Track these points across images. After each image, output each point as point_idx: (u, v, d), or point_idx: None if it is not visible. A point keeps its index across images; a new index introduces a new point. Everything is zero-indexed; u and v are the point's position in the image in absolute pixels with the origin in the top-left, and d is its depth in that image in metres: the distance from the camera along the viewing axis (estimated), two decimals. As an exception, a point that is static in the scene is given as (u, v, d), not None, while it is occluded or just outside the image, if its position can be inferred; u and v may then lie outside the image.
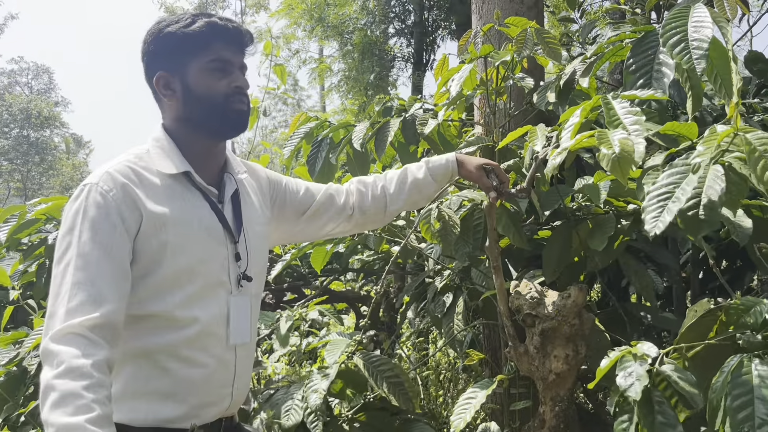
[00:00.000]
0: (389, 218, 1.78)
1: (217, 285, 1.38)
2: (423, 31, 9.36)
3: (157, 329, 1.31)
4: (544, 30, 1.93)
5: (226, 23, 1.40)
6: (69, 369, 1.11)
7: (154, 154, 1.38)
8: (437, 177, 1.73)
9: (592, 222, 2.00)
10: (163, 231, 1.30)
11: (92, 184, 1.29)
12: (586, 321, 1.79)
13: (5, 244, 2.60)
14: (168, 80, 1.40)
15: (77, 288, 1.20)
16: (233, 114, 1.40)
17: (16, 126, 28.43)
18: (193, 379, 1.33)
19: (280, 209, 1.64)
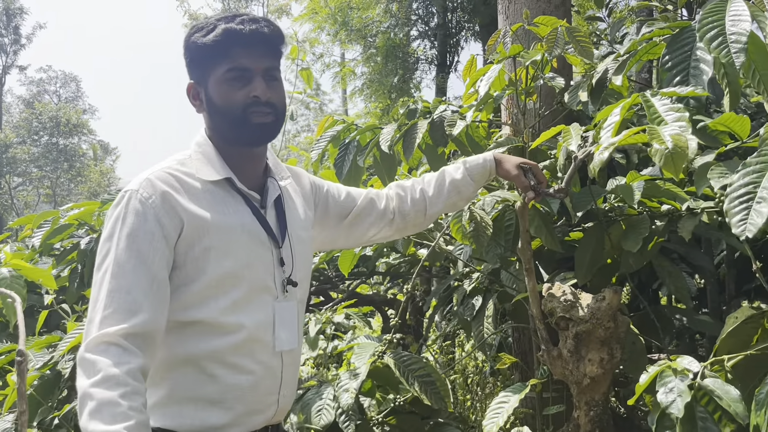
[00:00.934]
0: (429, 221, 1.74)
1: (263, 290, 1.36)
2: (446, 33, 9.32)
3: (203, 335, 1.30)
4: (575, 28, 1.90)
5: (244, 27, 1.33)
6: (105, 378, 1.12)
7: (196, 159, 1.37)
8: (475, 177, 1.69)
9: (625, 223, 1.96)
10: (206, 236, 1.29)
11: (132, 191, 1.28)
12: (622, 324, 1.76)
13: (39, 249, 2.64)
14: (196, 90, 1.39)
15: (113, 296, 1.21)
16: (253, 126, 1.34)
17: (45, 133, 29.01)
18: (240, 386, 1.32)
19: (323, 214, 1.62)
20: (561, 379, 1.82)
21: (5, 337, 2.71)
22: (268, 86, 1.36)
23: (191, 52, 1.36)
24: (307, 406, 1.96)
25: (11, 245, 2.99)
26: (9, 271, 1.80)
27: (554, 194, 1.67)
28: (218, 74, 1.34)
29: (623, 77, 1.78)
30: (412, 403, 2.15)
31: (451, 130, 2.15)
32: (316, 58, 10.48)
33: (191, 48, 1.36)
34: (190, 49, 1.36)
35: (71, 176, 29.24)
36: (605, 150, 1.32)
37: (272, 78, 1.38)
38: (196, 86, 1.38)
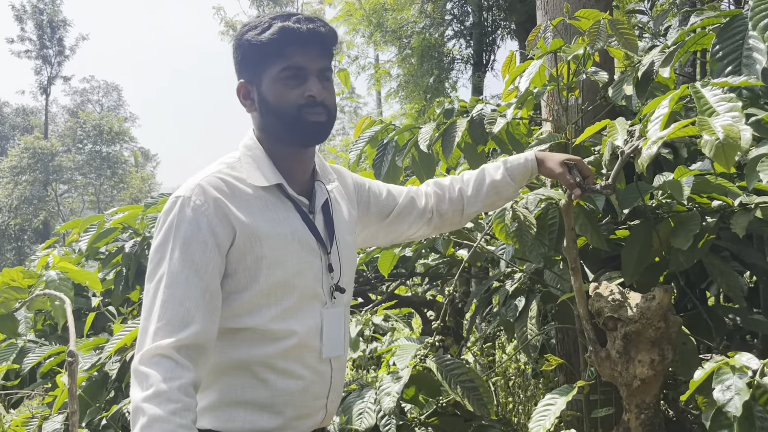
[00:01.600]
0: (467, 220, 1.72)
1: (312, 297, 1.35)
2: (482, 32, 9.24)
3: (253, 341, 1.30)
4: (619, 21, 1.85)
5: (300, 26, 1.31)
6: (157, 393, 1.13)
7: (246, 163, 1.35)
8: (516, 177, 1.66)
9: (674, 220, 1.90)
10: (258, 246, 1.28)
11: (185, 197, 1.27)
12: (673, 324, 1.70)
13: (85, 253, 2.70)
14: (248, 89, 1.36)
15: (166, 307, 1.20)
16: (308, 126, 1.32)
17: (89, 142, 29.81)
18: (290, 391, 1.32)
19: (365, 212, 1.61)
20: (609, 381, 1.78)
21: (54, 340, 2.77)
22: (322, 86, 1.34)
23: (244, 50, 1.34)
24: (348, 408, 1.95)
25: (59, 249, 3.07)
26: (57, 273, 1.85)
27: (601, 191, 1.63)
28: (273, 73, 1.32)
29: (671, 69, 1.72)
30: (454, 405, 2.12)
31: (491, 128, 2.12)
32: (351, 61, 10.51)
33: (244, 46, 1.34)
34: (243, 48, 1.34)
35: (114, 183, 29.97)
36: (653, 144, 1.28)
37: (325, 78, 1.36)
38: (248, 85, 1.36)
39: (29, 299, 1.75)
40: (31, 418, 2.23)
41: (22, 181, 27.88)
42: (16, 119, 36.92)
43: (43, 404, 2.44)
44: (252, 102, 1.37)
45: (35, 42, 33.64)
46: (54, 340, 2.79)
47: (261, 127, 1.38)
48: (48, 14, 33.62)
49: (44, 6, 33.65)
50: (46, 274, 1.83)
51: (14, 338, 2.22)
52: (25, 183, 27.85)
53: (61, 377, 2.15)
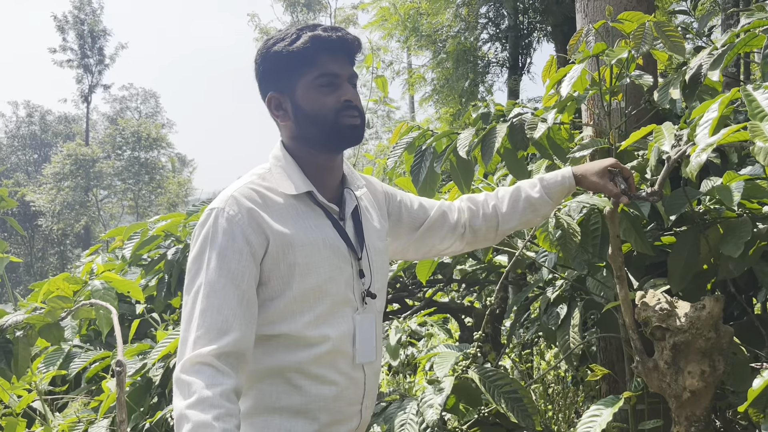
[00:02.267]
0: (501, 237, 1.70)
1: (344, 303, 1.37)
2: (518, 35, 9.16)
3: (287, 348, 1.31)
4: (664, 23, 1.81)
5: (330, 35, 1.34)
6: (200, 400, 1.15)
7: (276, 173, 1.38)
8: (553, 195, 1.63)
9: (723, 226, 1.85)
10: (291, 253, 1.30)
11: (219, 209, 1.31)
12: (724, 334, 1.65)
13: (129, 260, 2.76)
14: (279, 100, 1.39)
15: (204, 316, 1.23)
16: (345, 129, 1.35)
17: (128, 148, 30.46)
18: (324, 397, 1.33)
19: (396, 224, 1.60)
20: (657, 392, 1.73)
21: (99, 345, 2.83)
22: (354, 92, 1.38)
23: (272, 62, 1.36)
24: (390, 419, 1.94)
25: (102, 256, 3.14)
26: (102, 283, 1.90)
27: (647, 197, 1.59)
28: (307, 81, 1.34)
29: (720, 72, 1.68)
30: (496, 415, 2.09)
31: (531, 134, 2.09)
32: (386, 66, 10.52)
33: (273, 58, 1.36)
34: (271, 59, 1.36)
35: (152, 188, 30.56)
36: (703, 151, 1.24)
37: (354, 84, 1.39)
38: (278, 96, 1.38)
39: (74, 309, 1.79)
40: (77, 423, 2.28)
41: (64, 186, 28.64)
42: (59, 127, 37.98)
43: (88, 408, 2.49)
44: (285, 112, 1.39)
45: (76, 51, 34.59)
46: (98, 345, 2.85)
47: (294, 136, 1.40)
48: (89, 24, 34.54)
49: (85, 16, 34.59)
50: (91, 284, 1.88)
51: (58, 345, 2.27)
52: (67, 189, 28.61)
53: (106, 383, 2.19)
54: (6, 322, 1.77)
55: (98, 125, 37.88)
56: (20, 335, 1.79)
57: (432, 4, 8.98)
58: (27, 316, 1.77)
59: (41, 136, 37.41)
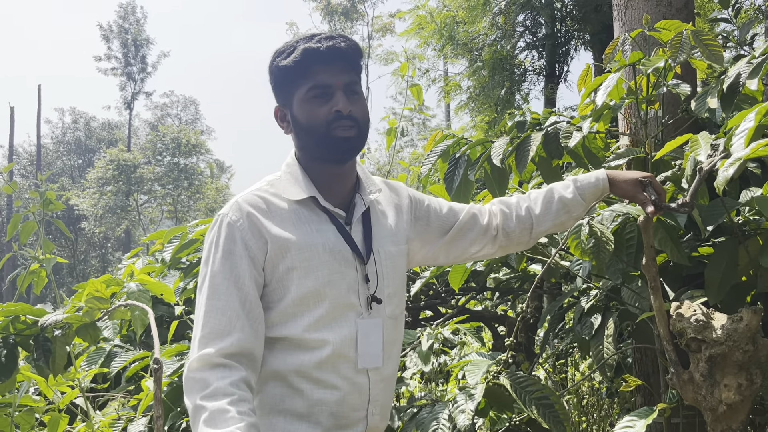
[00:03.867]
0: (535, 240, 1.68)
1: (346, 307, 1.38)
2: (555, 43, 9.09)
3: (288, 351, 1.35)
4: (702, 31, 1.79)
5: (321, 45, 1.36)
6: (213, 391, 1.20)
7: (285, 180, 1.42)
8: (587, 196, 1.61)
9: (762, 238, 1.81)
10: (288, 256, 1.34)
11: (224, 215, 1.37)
12: (762, 347, 1.62)
13: (168, 263, 2.83)
14: (283, 112, 1.44)
15: (208, 317, 1.29)
16: (336, 141, 1.36)
17: (168, 154, 31.09)
18: (326, 401, 1.35)
19: (424, 228, 1.60)
20: (693, 405, 1.71)
21: (138, 345, 2.91)
22: (349, 100, 1.38)
23: (275, 75, 1.42)
24: (422, 424, 1.95)
25: (143, 259, 3.22)
26: (137, 285, 1.97)
27: (678, 209, 1.57)
28: (301, 94, 1.38)
29: (759, 81, 1.65)
30: (527, 423, 2.09)
31: (566, 142, 2.09)
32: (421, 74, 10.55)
33: (275, 72, 1.41)
34: (274, 73, 1.42)
35: (191, 193, 31.10)
36: (730, 166, 1.23)
37: (353, 92, 1.39)
38: (282, 108, 1.44)
39: (111, 309, 1.85)
40: (117, 420, 2.35)
41: (106, 191, 29.37)
42: (102, 133, 39.05)
43: (128, 406, 2.56)
44: (288, 124, 1.44)
45: (120, 60, 35.56)
46: (138, 345, 2.93)
47: (298, 147, 1.45)
48: (132, 33, 35.49)
49: (129, 26, 35.55)
50: (127, 286, 1.95)
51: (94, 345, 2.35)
52: (109, 193, 29.33)
53: (145, 381, 2.25)
54: (46, 321, 1.84)
55: (140, 131, 38.80)
56: (58, 334, 1.86)
57: (469, 13, 8.97)
58: (65, 316, 1.84)
59: (85, 142, 38.51)
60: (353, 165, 1.47)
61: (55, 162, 37.92)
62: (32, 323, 1.91)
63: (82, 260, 33.32)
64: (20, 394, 2.03)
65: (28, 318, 1.92)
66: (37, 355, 1.91)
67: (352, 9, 26.69)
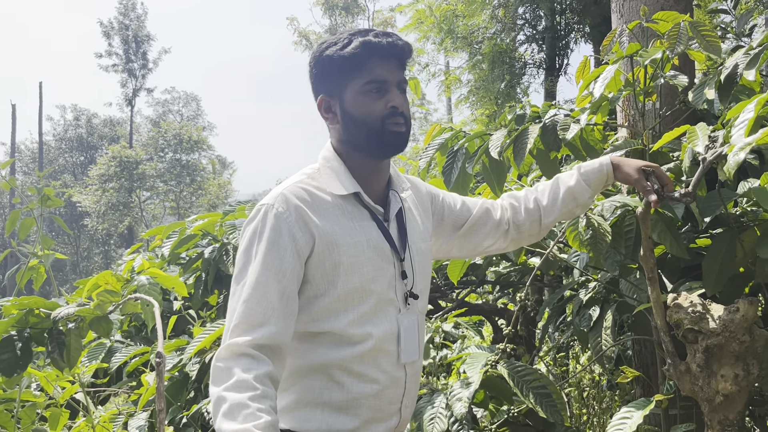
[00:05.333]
0: (545, 231, 1.69)
1: (387, 303, 1.39)
2: (555, 36, 9.07)
3: (331, 345, 1.35)
4: (700, 22, 1.78)
5: (381, 40, 1.36)
6: (236, 383, 1.19)
7: (325, 173, 1.41)
8: (591, 183, 1.62)
9: (760, 229, 1.81)
10: (336, 252, 1.34)
11: (269, 205, 1.34)
12: (759, 338, 1.62)
13: (168, 259, 2.84)
14: (329, 103, 1.42)
15: (245, 306, 1.28)
16: (390, 136, 1.37)
17: (169, 150, 31.12)
18: (366, 394, 1.36)
19: (439, 223, 1.62)
20: (690, 396, 1.71)
21: (139, 340, 2.92)
22: (402, 98, 1.40)
23: (324, 65, 1.39)
24: (419, 413, 1.96)
25: (143, 254, 3.23)
26: (147, 278, 1.97)
27: (680, 199, 1.57)
28: (356, 86, 1.37)
29: (756, 72, 1.65)
30: (526, 415, 2.09)
31: (564, 135, 2.08)
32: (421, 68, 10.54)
33: (324, 61, 1.39)
34: (323, 63, 1.39)
35: (193, 189, 31.13)
36: (740, 150, 1.23)
37: (403, 90, 1.41)
38: (329, 99, 1.41)
39: (122, 302, 1.86)
40: (117, 415, 2.36)
41: (109, 188, 29.41)
42: (104, 130, 39.03)
43: (129, 401, 2.57)
44: (334, 115, 1.42)
45: (121, 56, 35.52)
46: (138, 340, 2.94)
47: (342, 139, 1.43)
48: (133, 30, 35.44)
49: (130, 22, 35.50)
50: (137, 279, 1.95)
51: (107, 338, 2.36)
52: (111, 190, 29.36)
53: (145, 376, 2.26)
54: (59, 314, 1.85)
55: (141, 128, 38.80)
56: (72, 327, 1.87)
57: (468, 6, 8.95)
58: (78, 309, 1.85)
59: (87, 139, 38.51)
60: (389, 162, 1.48)
61: (57, 159, 37.96)
62: (45, 317, 1.91)
63: (85, 257, 33.40)
64: (21, 390, 2.03)
65: (41, 311, 1.93)
66: (52, 348, 1.92)
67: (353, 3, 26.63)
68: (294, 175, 1.44)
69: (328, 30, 27.22)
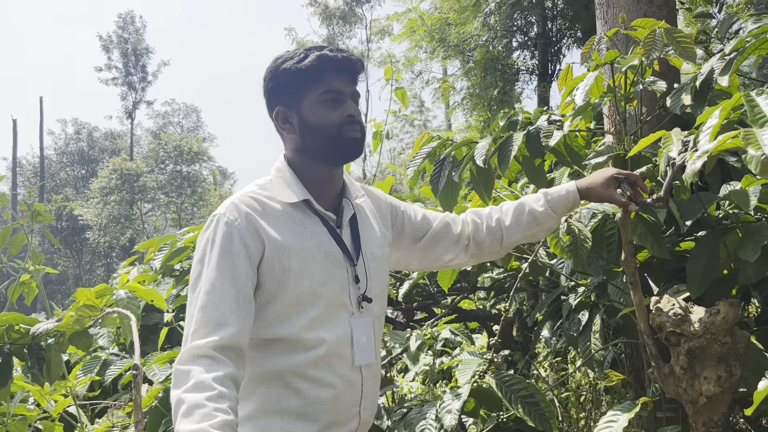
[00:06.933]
0: (506, 250, 1.74)
1: (339, 307, 1.43)
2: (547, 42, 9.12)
3: (286, 351, 1.38)
4: (675, 29, 1.81)
5: (336, 54, 1.44)
6: (194, 384, 1.22)
7: (276, 183, 1.47)
8: (558, 209, 1.67)
9: (742, 231, 1.83)
10: (285, 257, 1.38)
11: (220, 214, 1.40)
12: (740, 339, 1.64)
13: (160, 271, 2.86)
14: (286, 114, 1.48)
15: (203, 311, 1.31)
16: (348, 142, 1.45)
17: (170, 162, 31.19)
18: (322, 399, 1.39)
19: (399, 234, 1.67)
20: (674, 398, 1.72)
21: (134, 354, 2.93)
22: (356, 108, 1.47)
23: (281, 78, 1.46)
24: (410, 425, 1.97)
25: (138, 267, 3.25)
26: (126, 293, 1.99)
27: (653, 204, 1.59)
28: (314, 96, 1.44)
29: (733, 77, 1.67)
30: (515, 421, 2.11)
31: (547, 141, 2.10)
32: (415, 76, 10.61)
33: (282, 74, 1.45)
34: (281, 76, 1.46)
35: (194, 201, 31.17)
36: (698, 159, 1.25)
37: (356, 101, 1.49)
38: (286, 111, 1.48)
39: (100, 317, 1.88)
40: (111, 428, 2.38)
41: (110, 201, 29.48)
42: (105, 143, 39.16)
43: (123, 414, 2.59)
44: (291, 126, 1.48)
45: (121, 70, 35.68)
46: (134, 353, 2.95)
47: (298, 149, 1.48)
48: (132, 43, 35.61)
49: (129, 35, 35.67)
50: (116, 294, 1.98)
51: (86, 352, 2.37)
52: (113, 203, 29.43)
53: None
54: (38, 329, 1.88)
55: (142, 140, 38.91)
56: (52, 342, 1.89)
57: (460, 14, 9.01)
58: (57, 324, 1.87)
59: (88, 152, 38.62)
60: (341, 170, 1.54)
61: (58, 173, 38.07)
62: (25, 332, 1.94)
63: (87, 270, 33.43)
64: (14, 404, 2.05)
65: (21, 327, 1.95)
66: (31, 364, 1.94)
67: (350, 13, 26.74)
68: (247, 186, 1.49)
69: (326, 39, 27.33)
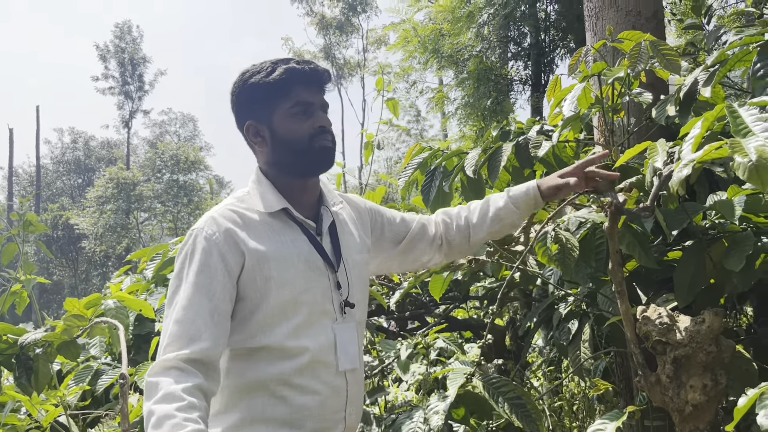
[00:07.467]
0: (473, 248, 1.78)
1: (322, 314, 1.44)
2: (540, 53, 9.19)
3: (270, 360, 1.39)
4: (660, 41, 1.84)
5: (303, 67, 1.45)
6: (164, 395, 1.22)
7: (254, 194, 1.48)
8: (519, 204, 1.71)
9: (728, 240, 1.85)
10: (266, 267, 1.39)
11: (198, 229, 1.41)
12: (726, 348, 1.65)
13: (152, 280, 2.86)
14: (257, 128, 1.49)
15: (178, 325, 1.31)
16: (319, 152, 1.45)
17: (167, 171, 31.17)
18: (308, 406, 1.40)
19: (379, 238, 1.69)
20: (661, 407, 1.73)
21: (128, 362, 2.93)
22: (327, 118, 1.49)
23: (250, 92, 1.47)
24: (398, 429, 1.98)
25: (131, 277, 3.26)
26: (114, 302, 2.00)
27: (638, 213, 1.62)
28: (283, 109, 1.45)
29: (717, 88, 1.69)
30: (505, 429, 2.11)
31: (536, 152, 2.13)
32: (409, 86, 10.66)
33: (250, 89, 1.46)
34: (249, 90, 1.46)
35: (190, 210, 31.13)
36: (684, 168, 1.27)
37: (326, 111, 1.50)
38: (256, 124, 1.48)
39: (88, 327, 1.89)
40: (103, 437, 2.37)
41: (106, 210, 29.42)
42: (101, 152, 39.17)
43: (116, 423, 2.58)
44: (263, 139, 1.49)
45: (118, 79, 35.73)
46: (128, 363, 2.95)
47: (271, 161, 1.49)
48: (129, 52, 35.69)
49: (125, 45, 35.75)
50: (104, 303, 1.98)
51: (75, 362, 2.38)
52: (109, 212, 29.37)
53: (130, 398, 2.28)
54: (26, 339, 1.88)
55: (139, 149, 38.93)
56: (40, 352, 1.89)
57: (454, 25, 9.07)
58: (45, 334, 1.88)
59: (85, 162, 38.62)
60: (317, 178, 1.55)
61: (55, 182, 38.04)
62: (14, 342, 1.95)
63: (83, 279, 33.32)
64: (5, 413, 2.05)
65: (9, 337, 1.96)
66: (20, 374, 1.95)
67: (347, 23, 26.87)
68: (225, 199, 1.50)
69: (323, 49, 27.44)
